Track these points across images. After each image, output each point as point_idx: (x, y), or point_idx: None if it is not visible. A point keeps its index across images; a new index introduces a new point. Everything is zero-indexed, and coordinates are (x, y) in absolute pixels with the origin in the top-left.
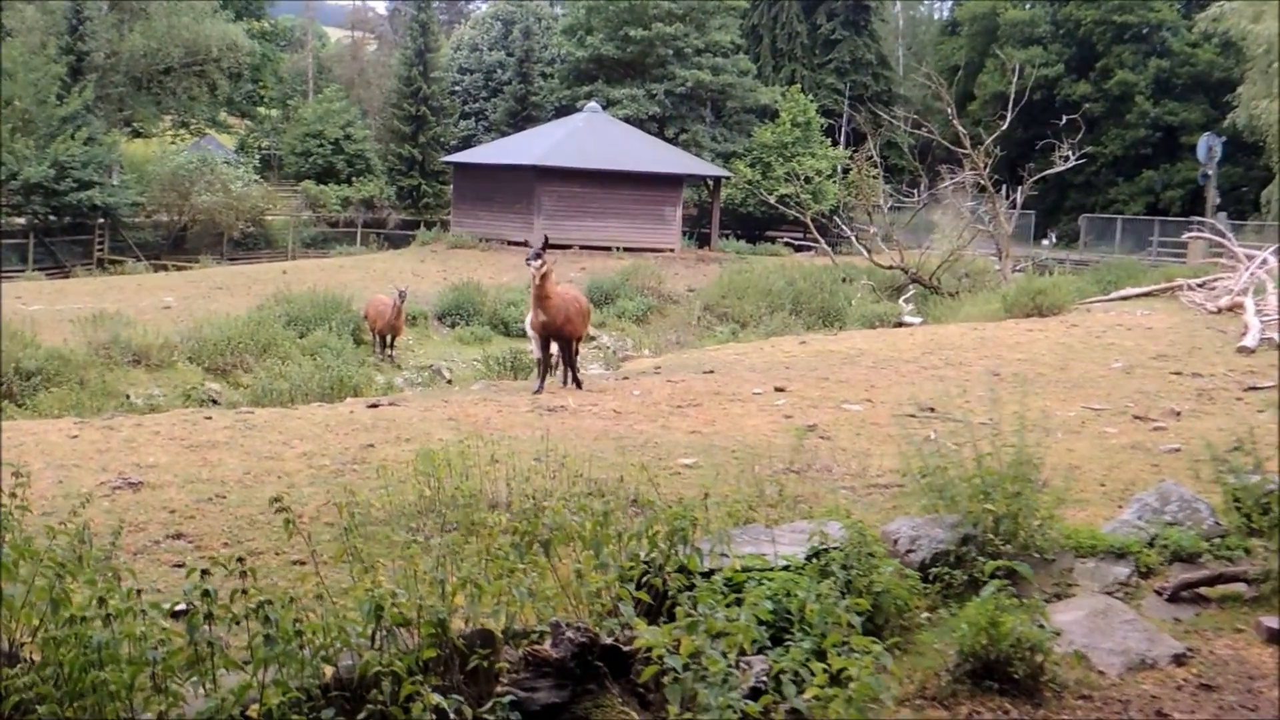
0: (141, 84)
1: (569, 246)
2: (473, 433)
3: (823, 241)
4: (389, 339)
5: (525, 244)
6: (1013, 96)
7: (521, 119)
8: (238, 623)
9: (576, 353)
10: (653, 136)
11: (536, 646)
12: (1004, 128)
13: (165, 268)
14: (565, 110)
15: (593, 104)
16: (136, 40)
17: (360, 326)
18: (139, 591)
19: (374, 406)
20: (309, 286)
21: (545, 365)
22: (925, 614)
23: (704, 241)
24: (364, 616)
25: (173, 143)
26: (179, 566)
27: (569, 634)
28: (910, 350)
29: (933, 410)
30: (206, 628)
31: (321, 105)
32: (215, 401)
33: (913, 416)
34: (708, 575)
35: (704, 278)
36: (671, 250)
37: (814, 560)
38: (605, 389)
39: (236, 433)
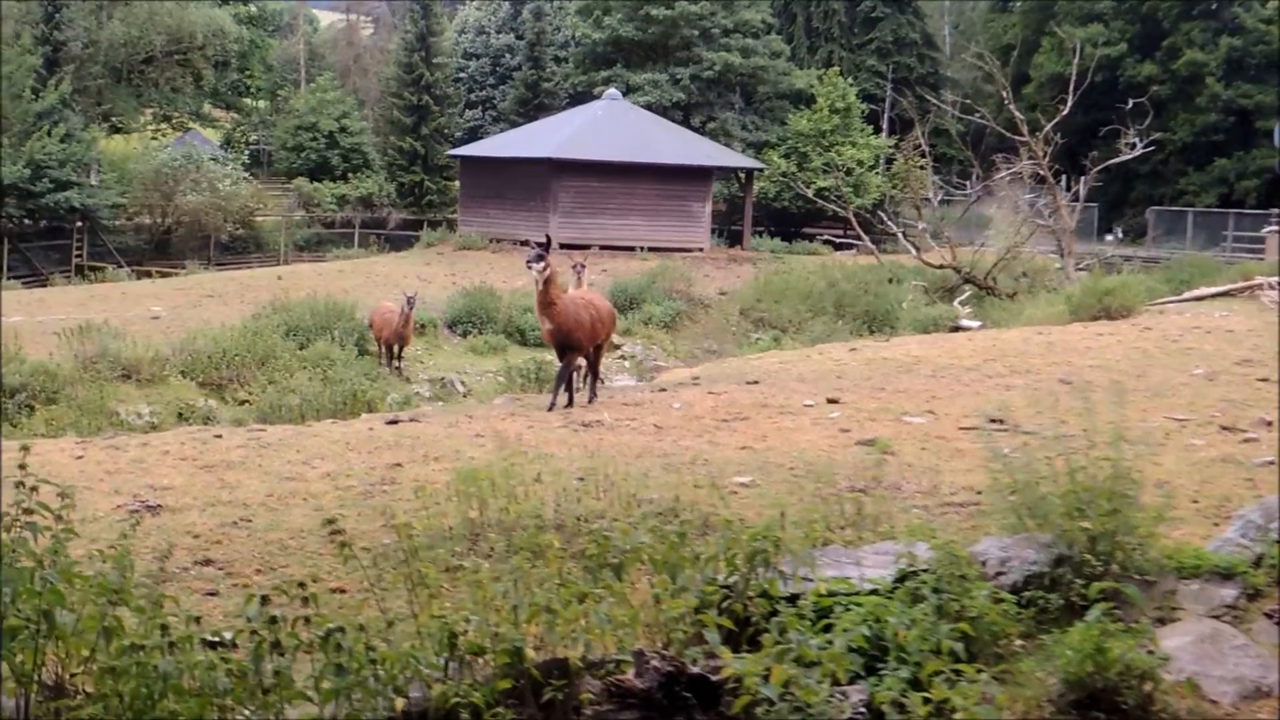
0: (121, 75)
1: (588, 247)
2: (515, 450)
3: (866, 239)
4: (397, 350)
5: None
6: (1073, 78)
7: (533, 108)
8: (307, 651)
9: (598, 366)
10: (678, 125)
11: (620, 677)
12: (1064, 112)
13: (149, 274)
14: (581, 98)
15: (612, 90)
16: (116, 28)
17: (365, 336)
18: (197, 619)
19: (393, 423)
20: (307, 293)
21: (564, 379)
22: (1019, 641)
23: (735, 240)
24: (436, 645)
25: (154, 138)
26: (212, 595)
27: (654, 663)
28: (971, 357)
29: (1001, 422)
30: (271, 658)
31: (314, 95)
32: (207, 419)
33: (981, 429)
34: (792, 600)
35: (737, 279)
36: (700, 250)
37: (903, 583)
38: (641, 402)
39: (251, 452)
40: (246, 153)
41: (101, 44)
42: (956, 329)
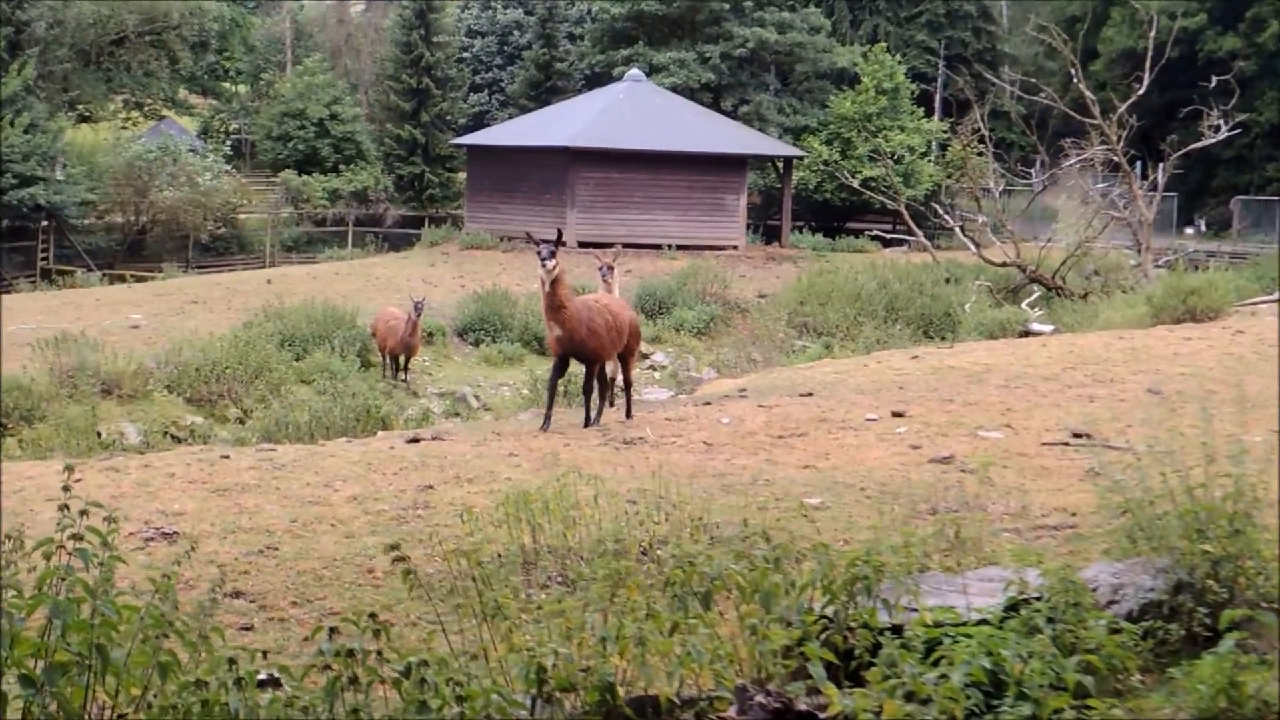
0: (90, 58)
1: (609, 244)
2: (568, 471)
3: (920, 234)
4: (403, 361)
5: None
6: (1149, 53)
7: (545, 91)
8: (384, 683)
9: (612, 382)
10: (708, 109)
11: (721, 714)
12: (1140, 92)
13: (123, 278)
14: (599, 80)
15: (634, 71)
16: (84, 7)
17: (367, 346)
18: (264, 654)
19: (415, 441)
20: (302, 298)
21: (552, 393)
22: (1138, 675)
23: (772, 236)
24: (524, 680)
25: (124, 127)
26: (247, 629)
27: (759, 699)
28: (1047, 365)
29: (1088, 437)
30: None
31: (301, 79)
32: (206, 439)
33: (1066, 445)
34: (896, 631)
35: (776, 280)
36: (735, 248)
37: (1014, 613)
38: (686, 417)
39: (265, 474)
40: (228, 143)
41: (68, 24)
42: (1027, 334)
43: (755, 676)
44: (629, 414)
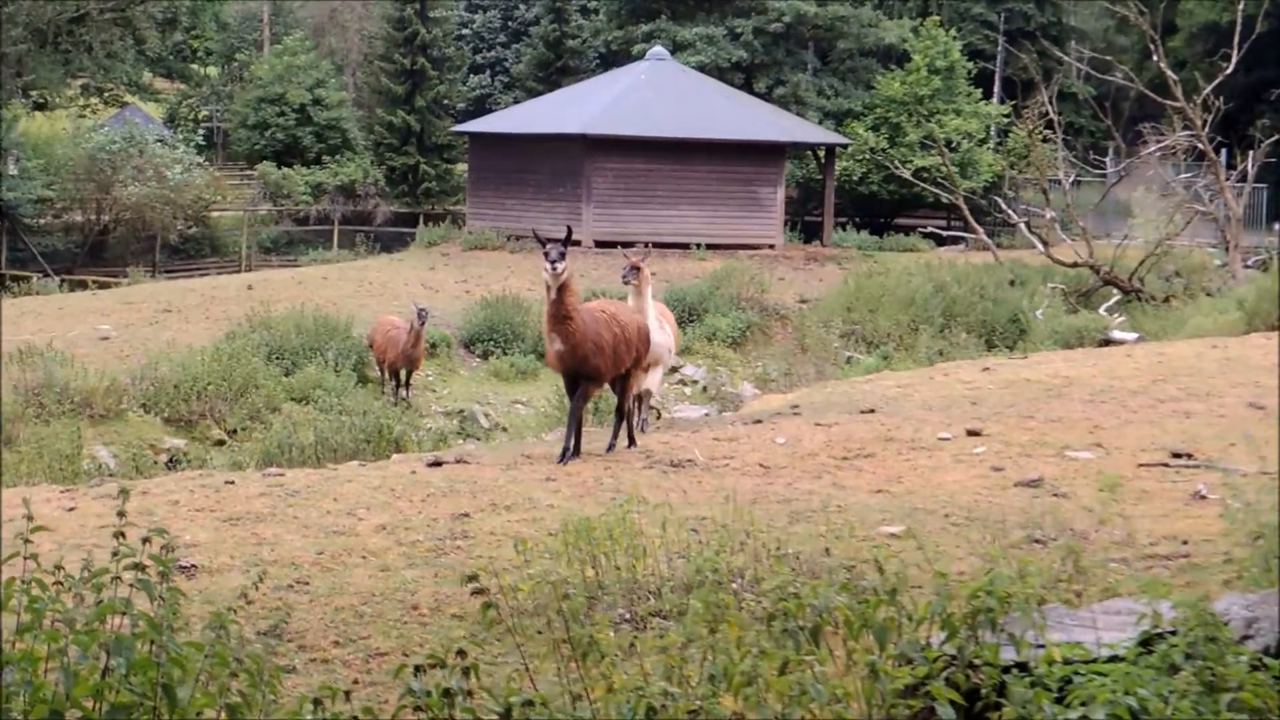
0: (46, 38)
1: (630, 244)
2: (631, 498)
3: (980, 230)
4: (404, 375)
5: (573, 242)
6: (1238, 27)
7: (555, 71)
8: None
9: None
10: (739, 91)
11: None
12: (1228, 70)
13: (84, 284)
14: (616, 59)
15: (656, 49)
16: None
17: (364, 359)
18: (347, 694)
19: (437, 465)
20: (289, 306)
21: (578, 422)
22: (1277, 715)
23: (812, 234)
24: None
25: (83, 115)
26: (289, 671)
27: None
28: (1134, 377)
29: (1189, 456)
30: None
31: (280, 60)
32: (174, 460)
33: (1166, 466)
34: (1022, 668)
35: (819, 283)
36: (772, 247)
37: (1148, 648)
38: (736, 437)
39: (277, 501)
40: (200, 133)
41: (22, 1)
42: (1107, 342)
43: (872, 717)
44: (631, 441)
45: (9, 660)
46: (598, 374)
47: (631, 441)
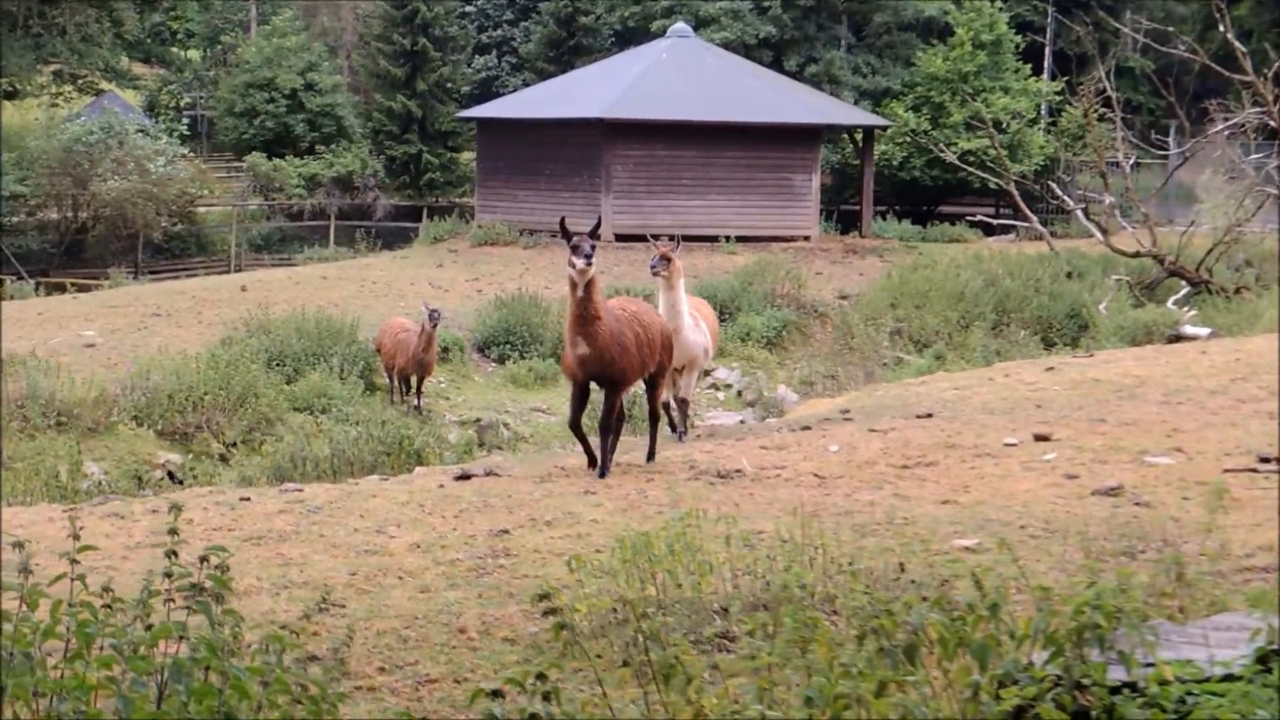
0: (17, 21)
1: (655, 236)
2: (691, 511)
3: (1034, 218)
4: (415, 381)
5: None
6: None
7: (567, 51)
8: None
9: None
10: (769, 70)
11: None
12: None
13: (62, 287)
14: (633, 36)
15: (678, 25)
16: None
17: (372, 365)
18: None
19: (466, 478)
20: (287, 308)
21: (583, 433)
22: None
23: (850, 224)
24: None
25: (56, 104)
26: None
27: None
28: (1211, 376)
29: (1278, 461)
30: None
31: (269, 42)
32: (172, 476)
33: (1254, 471)
34: (1131, 688)
35: (860, 277)
36: (807, 238)
37: (1265, 666)
38: (785, 444)
39: (299, 519)
40: (184, 122)
41: None
42: (1177, 338)
43: None
44: (651, 455)
45: (62, 688)
46: (624, 378)
47: (651, 455)
